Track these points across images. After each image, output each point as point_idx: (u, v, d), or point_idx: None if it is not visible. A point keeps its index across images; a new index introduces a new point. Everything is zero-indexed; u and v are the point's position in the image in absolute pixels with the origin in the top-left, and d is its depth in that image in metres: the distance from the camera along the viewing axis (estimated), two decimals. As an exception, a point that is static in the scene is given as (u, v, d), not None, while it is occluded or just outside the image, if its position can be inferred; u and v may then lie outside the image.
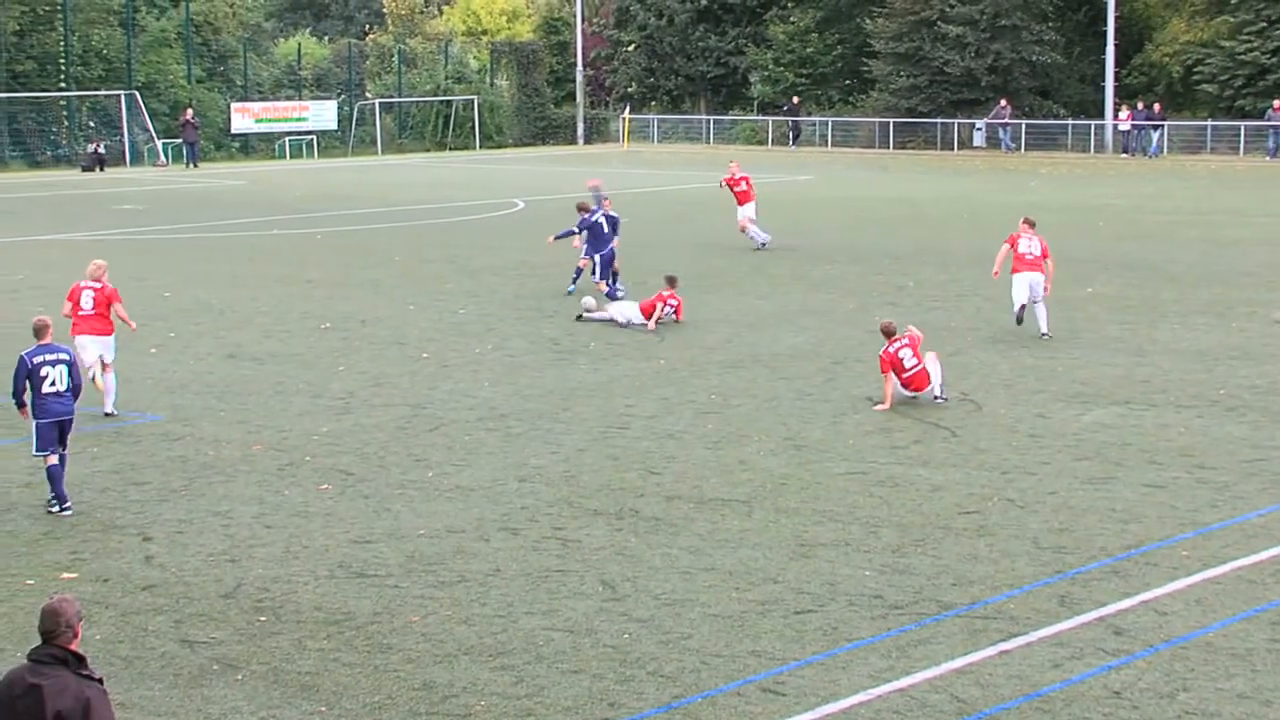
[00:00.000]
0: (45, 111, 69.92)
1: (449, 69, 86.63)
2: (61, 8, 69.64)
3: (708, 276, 33.09)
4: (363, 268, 34.89)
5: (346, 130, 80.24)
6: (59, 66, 70.02)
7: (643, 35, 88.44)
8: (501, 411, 20.66)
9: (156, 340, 25.83)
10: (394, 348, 25.30)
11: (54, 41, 70.13)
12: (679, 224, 44.40)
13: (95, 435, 19.40)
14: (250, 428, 19.78)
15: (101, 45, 71.59)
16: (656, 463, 18.02)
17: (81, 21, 70.85)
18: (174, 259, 36.69)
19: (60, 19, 69.90)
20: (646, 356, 24.49)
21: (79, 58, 70.50)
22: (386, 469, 17.76)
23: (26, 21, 69.25)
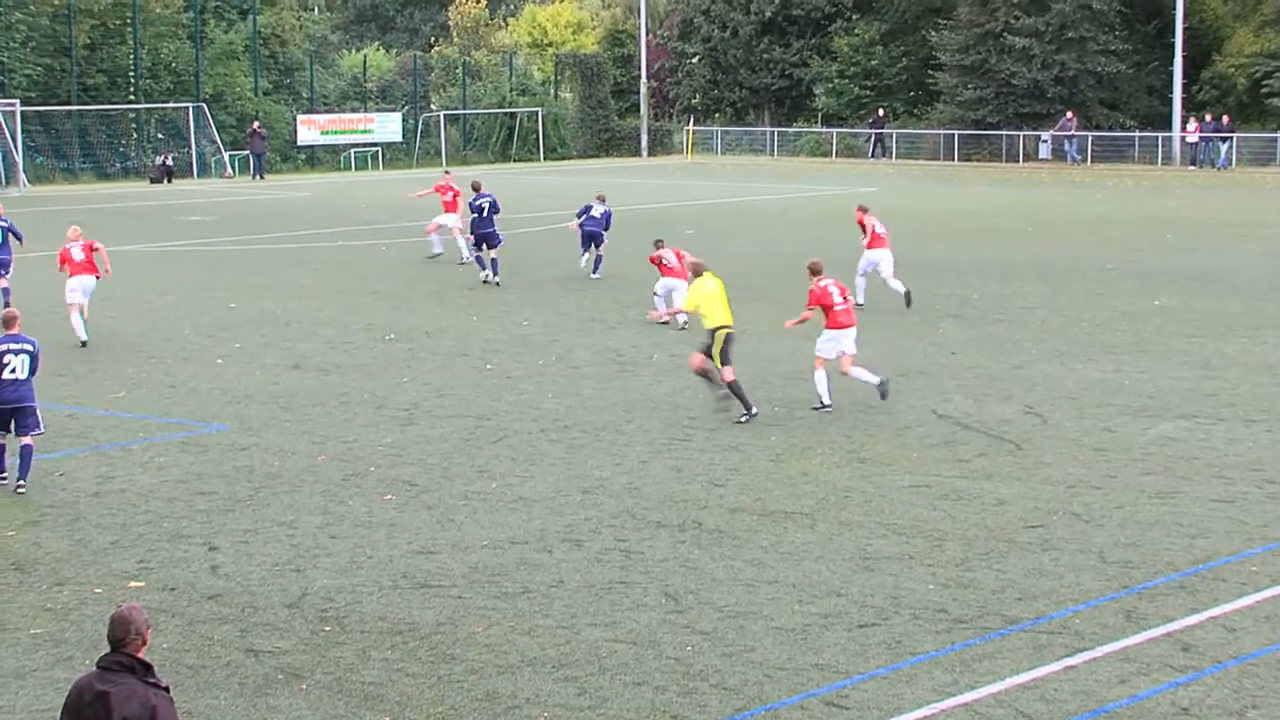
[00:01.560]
0: (115, 124, 70.55)
1: (513, 81, 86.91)
2: (131, 21, 70.27)
3: (769, 287, 33.03)
4: (427, 279, 35.01)
5: (411, 142, 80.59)
6: (129, 79, 70.66)
7: (707, 47, 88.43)
8: (565, 423, 20.68)
9: (223, 351, 26.00)
10: (458, 359, 25.38)
11: (124, 55, 70.77)
12: (741, 235, 44.34)
13: (163, 444, 19.55)
14: (315, 438, 19.88)
15: (170, 58, 72.18)
16: (720, 475, 17.99)
17: (151, 35, 71.45)
18: (240, 270, 36.95)
19: (130, 33, 70.53)
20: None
21: (148, 71, 71.11)
22: (450, 480, 17.81)
23: (97, 35, 69.90)
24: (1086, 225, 46.81)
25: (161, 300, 31.92)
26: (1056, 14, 74.04)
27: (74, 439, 19.90)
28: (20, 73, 65.89)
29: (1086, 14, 74.16)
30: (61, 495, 17.22)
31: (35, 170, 65.12)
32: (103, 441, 19.77)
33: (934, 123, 79.87)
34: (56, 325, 28.30)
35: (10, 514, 16.45)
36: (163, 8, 72.18)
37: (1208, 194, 58.64)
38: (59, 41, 68.47)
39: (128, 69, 70.69)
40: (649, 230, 44.99)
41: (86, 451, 19.23)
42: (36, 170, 65.25)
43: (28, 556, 15.02)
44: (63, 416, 21.11)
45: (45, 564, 14.80)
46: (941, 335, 27.42)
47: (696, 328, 26.99)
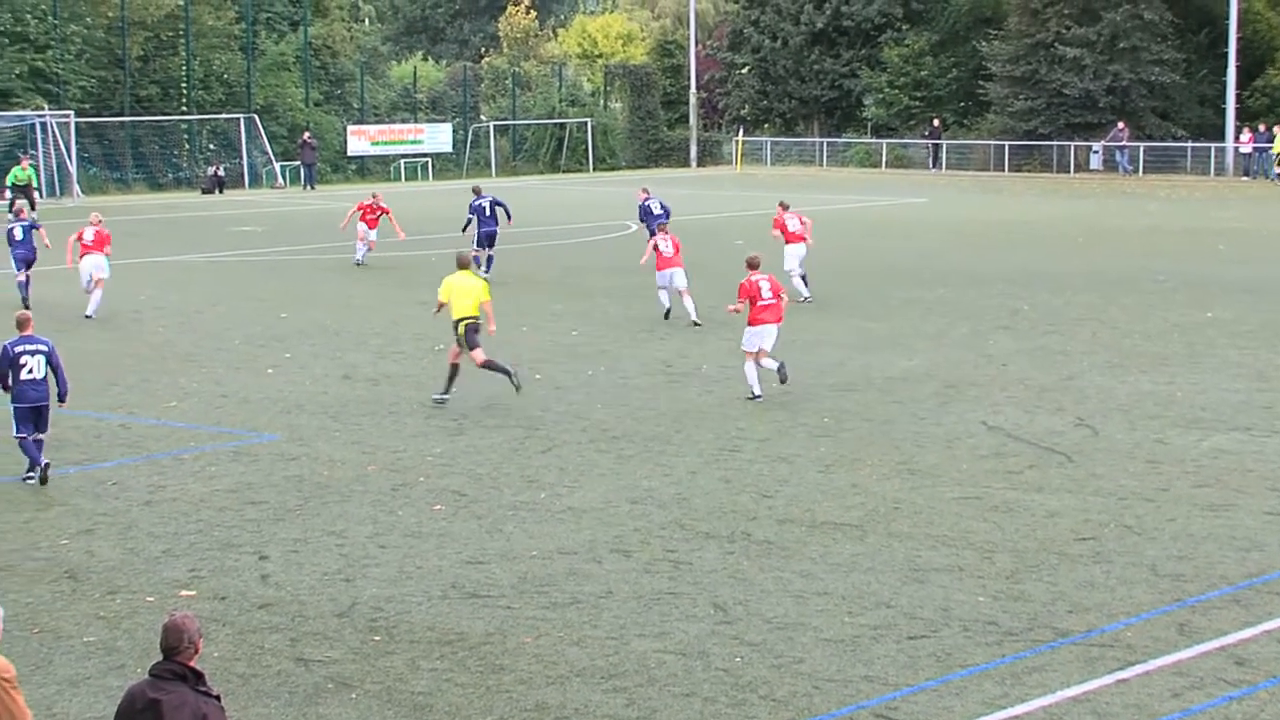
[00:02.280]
0: (167, 135, 71.04)
1: (563, 92, 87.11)
2: (184, 33, 70.75)
3: (819, 299, 32.97)
4: (476, 289, 35.08)
5: (461, 153, 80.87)
6: (181, 91, 71.14)
7: (756, 58, 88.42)
8: (614, 433, 20.70)
9: (273, 361, 26.13)
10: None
11: (176, 66, 71.27)
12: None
13: (214, 454, 19.66)
14: (364, 448, 19.95)
15: (222, 69, 72.64)
16: (769, 486, 17.97)
17: (203, 46, 71.91)
18: (291, 280, 37.13)
19: (183, 44, 71.01)
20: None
21: (200, 82, 71.58)
22: (499, 490, 17.85)
23: (150, 47, 70.43)
24: (1138, 236, 46.57)
25: (213, 310, 32.10)
26: (1108, 24, 73.73)
27: (126, 448, 20.03)
28: (75, 84, 66.41)
29: (1138, 24, 73.83)
30: (114, 504, 17.34)
31: (89, 181, 65.61)
32: (155, 451, 19.89)
33: (984, 133, 79.63)
34: (109, 334, 28.52)
35: (64, 523, 16.58)
36: (215, 19, 72.65)
37: (1261, 205, 58.26)
38: (113, 53, 69.00)
39: (180, 80, 71.19)
40: (697, 241, 45.04)
41: (139, 461, 19.35)
42: (90, 181, 65.74)
43: (81, 565, 15.13)
44: (115, 426, 21.25)
45: (98, 572, 14.90)
46: (992, 347, 27.32)
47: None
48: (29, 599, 14.09)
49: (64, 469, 18.82)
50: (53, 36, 65.71)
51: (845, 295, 33.88)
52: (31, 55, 64.98)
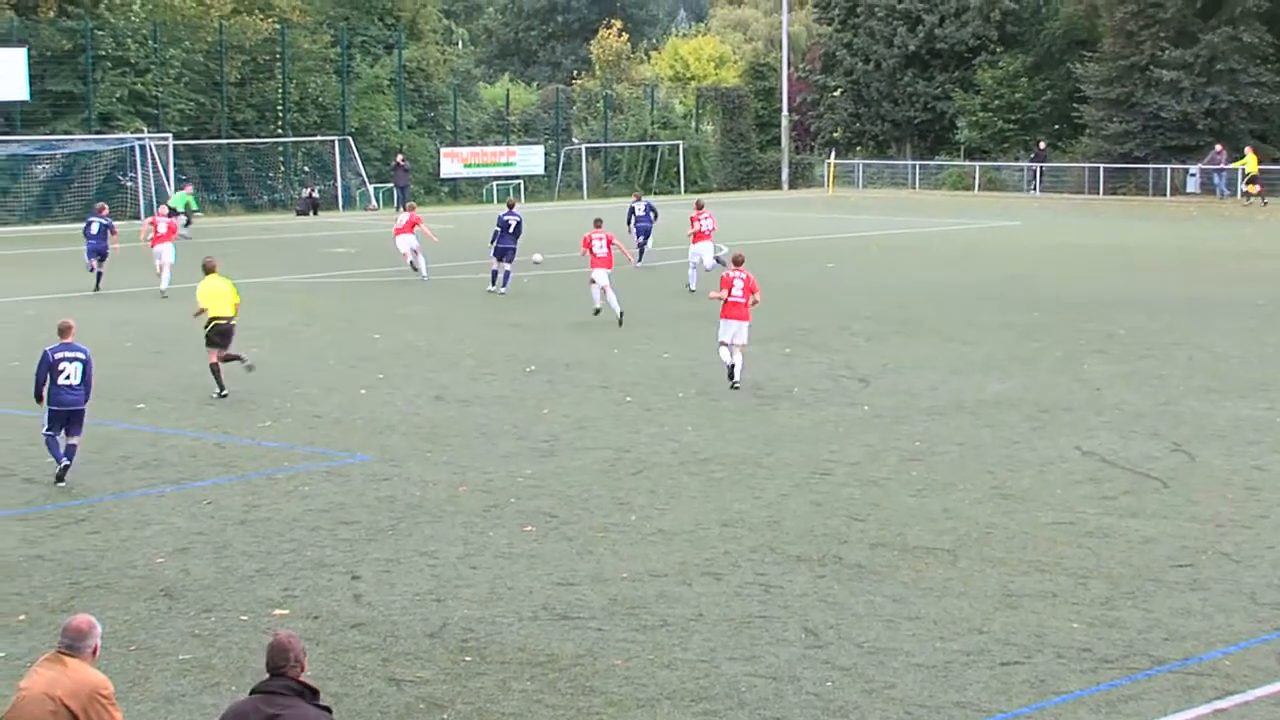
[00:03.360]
0: (263, 157, 71.80)
1: (655, 114, 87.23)
2: (280, 57, 71.51)
3: (912, 322, 32.85)
4: (568, 311, 35.21)
5: (553, 175, 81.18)
6: (277, 114, 71.87)
7: (849, 81, 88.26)
8: (704, 456, 20.69)
9: (366, 382, 26.31)
10: (598, 391, 25.48)
11: (272, 90, 71.98)
12: (881, 269, 44.15)
13: (306, 474, 19.82)
14: (456, 469, 20.05)
15: (317, 93, 73.29)
16: (860, 509, 17.90)
17: (299, 70, 72.60)
18: (384, 302, 37.39)
19: (279, 68, 71.77)
20: (850, 402, 24.38)
21: (295, 105, 72.26)
22: (589, 512, 17.88)
23: (247, 71, 71.20)
24: (1237, 260, 46.05)
25: (307, 331, 32.39)
26: (1205, 46, 72.99)
27: (221, 468, 20.23)
28: (173, 108, 67.23)
29: (1237, 45, 73.03)
30: (209, 523, 17.51)
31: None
32: (249, 470, 20.08)
33: (1078, 156, 79.03)
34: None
35: (160, 541, 16.76)
36: (311, 43, 73.39)
37: (1362, 228, 57.43)
38: (211, 77, 69.83)
39: (276, 103, 71.91)
40: (787, 264, 44.97)
41: (233, 480, 19.54)
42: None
43: (176, 583, 15.29)
44: (211, 445, 21.48)
45: (193, 591, 15.05)
46: (1086, 371, 27.09)
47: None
48: (126, 616, 14.25)
49: (160, 488, 19.05)
50: (153, 60, 66.57)
51: (937, 318, 33.71)
52: (132, 79, 65.85)
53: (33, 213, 62.46)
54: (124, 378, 26.35)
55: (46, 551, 16.40)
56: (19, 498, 18.70)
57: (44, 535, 17.01)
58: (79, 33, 64.85)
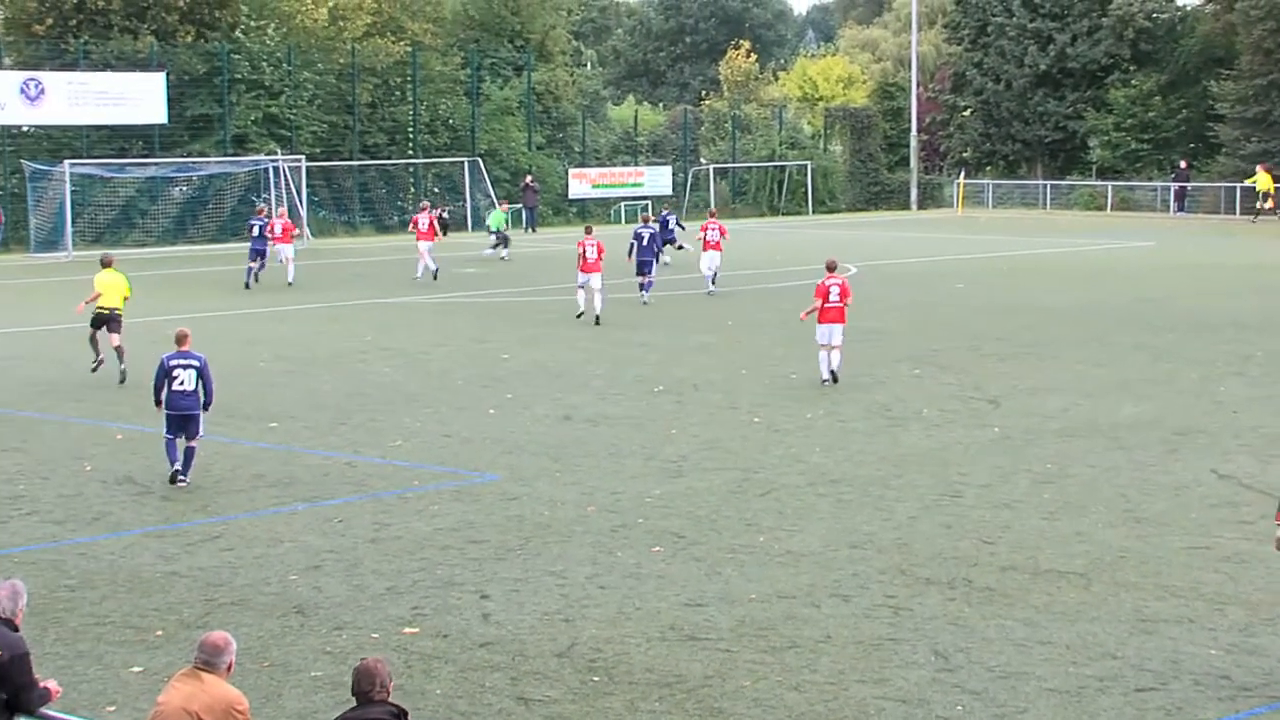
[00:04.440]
0: (394, 179, 72.58)
1: (783, 134, 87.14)
2: (411, 79, 72.30)
3: (1043, 343, 32.52)
4: (697, 332, 35.24)
5: (681, 195, 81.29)
6: (407, 135, 72.65)
7: (979, 100, 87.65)
8: (833, 477, 20.61)
9: (495, 401, 26.47)
10: (726, 411, 25.46)
11: (403, 112, 72.78)
12: (1011, 290, 43.75)
13: (436, 493, 19.97)
14: (584, 489, 20.12)
15: (448, 114, 74.05)
16: (991, 532, 17.74)
17: (430, 92, 73.39)
18: (513, 322, 37.61)
19: (410, 90, 72.54)
20: (980, 424, 24.18)
21: (426, 126, 73.04)
22: (718, 532, 17.86)
23: (379, 94, 72.04)
24: (1377, 280, 45.12)
25: (437, 351, 32.65)
26: (1347, 62, 71.77)
27: (353, 486, 20.44)
28: (306, 129, 68.20)
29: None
30: (341, 541, 17.70)
31: (318, 223, 67.26)
32: (380, 489, 20.27)
33: (1214, 176, 77.89)
34: (336, 375, 29.18)
35: (292, 558, 16.96)
36: (442, 65, 74.18)
37: None
38: (343, 99, 70.71)
39: (407, 125, 72.70)
40: (917, 285, 44.70)
41: (365, 499, 19.74)
42: (319, 224, 67.38)
43: (309, 600, 15.46)
44: (342, 464, 21.71)
45: (325, 608, 15.21)
46: (1223, 393, 26.67)
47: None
48: (260, 633, 14.43)
49: (293, 506, 19.29)
50: (286, 83, 67.53)
51: (1069, 339, 33.34)
52: (266, 102, 66.85)
53: (169, 234, 63.52)
54: (257, 397, 26.73)
55: (183, 568, 16.65)
56: (156, 514, 19.02)
57: (180, 551, 17.28)
58: (215, 56, 65.96)
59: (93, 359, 28.73)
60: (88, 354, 28.83)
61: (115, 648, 14.07)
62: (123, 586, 15.96)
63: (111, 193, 62.74)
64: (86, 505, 19.43)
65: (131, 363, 27.99)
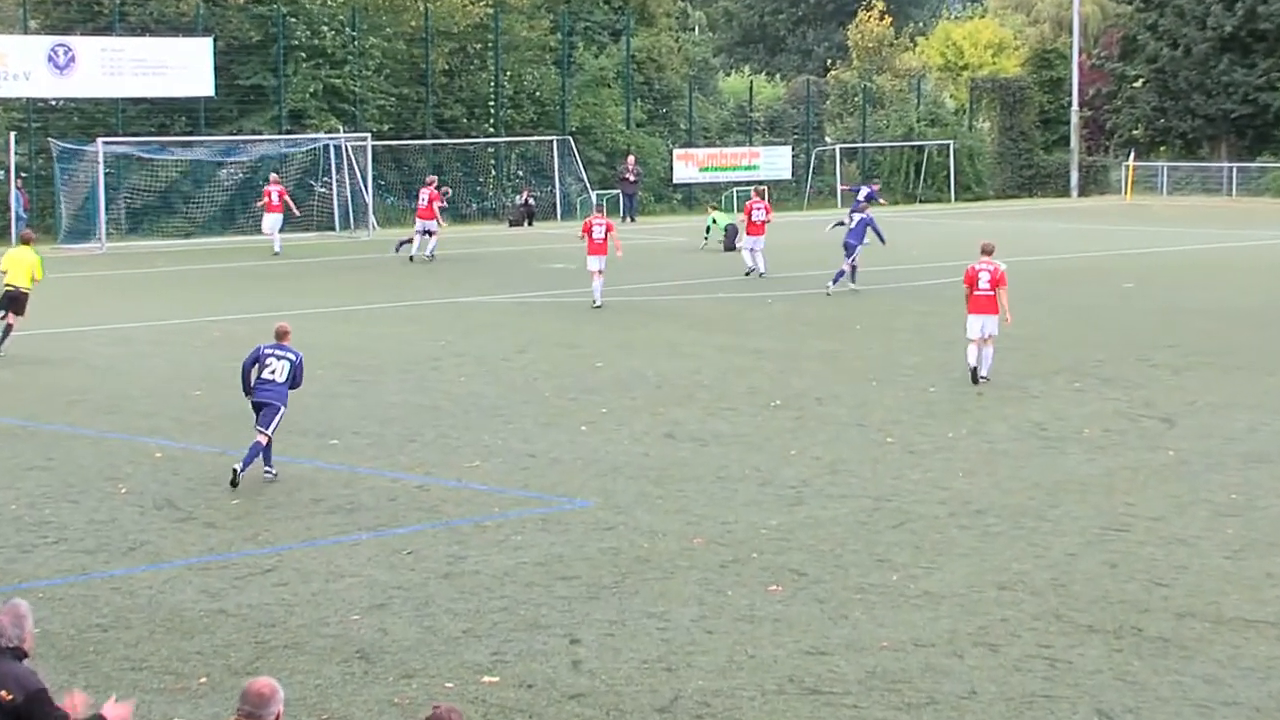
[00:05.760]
0: (472, 160, 72.61)
1: (921, 109, 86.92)
2: (493, 46, 72.27)
3: (1226, 353, 32.21)
4: (819, 337, 35.19)
5: (803, 180, 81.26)
6: (488, 110, 72.76)
7: (1152, 69, 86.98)
8: (977, 507, 20.52)
9: (587, 416, 26.55)
10: (853, 429, 25.41)
11: (484, 83, 72.85)
12: (1191, 291, 43.36)
13: (519, 522, 20.05)
14: (690, 518, 20.13)
15: (534, 86, 73.96)
16: (1164, 573, 17.60)
17: (514, 61, 73.31)
18: (607, 325, 37.71)
19: (491, 58, 72.57)
20: (1152, 446, 23.99)
21: (509, 100, 73.04)
22: (844, 569, 17.83)
23: (456, 62, 72.07)
24: None
25: (520, 358, 32.80)
26: None
27: (424, 513, 20.56)
28: (372, 104, 68.17)
29: None
30: (410, 576, 17.80)
31: (385, 211, 67.14)
32: (454, 517, 20.38)
33: None
34: (405, 385, 29.37)
35: (355, 595, 17.08)
36: (528, 30, 74.07)
37: None
38: (415, 68, 70.85)
39: (487, 98, 72.83)
40: (1080, 284, 44.40)
41: (437, 527, 19.85)
42: (386, 211, 67.26)
43: (373, 644, 15.57)
44: (412, 488, 21.85)
45: (392, 653, 15.31)
46: None
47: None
48: (318, 680, 14.54)
49: (356, 535, 19.43)
50: (350, 50, 67.66)
51: (1258, 348, 33.01)
52: (327, 72, 66.92)
53: (216, 223, 63.84)
54: (316, 410, 26.94)
55: (230, 605, 16.82)
56: (200, 544, 19.21)
57: (227, 587, 17.45)
58: (270, 20, 66.32)
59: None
60: (124, 359, 29.21)
61: (153, 696, 14.22)
62: (161, 626, 16.13)
63: (151, 175, 63.29)
64: (121, 533, 19.66)
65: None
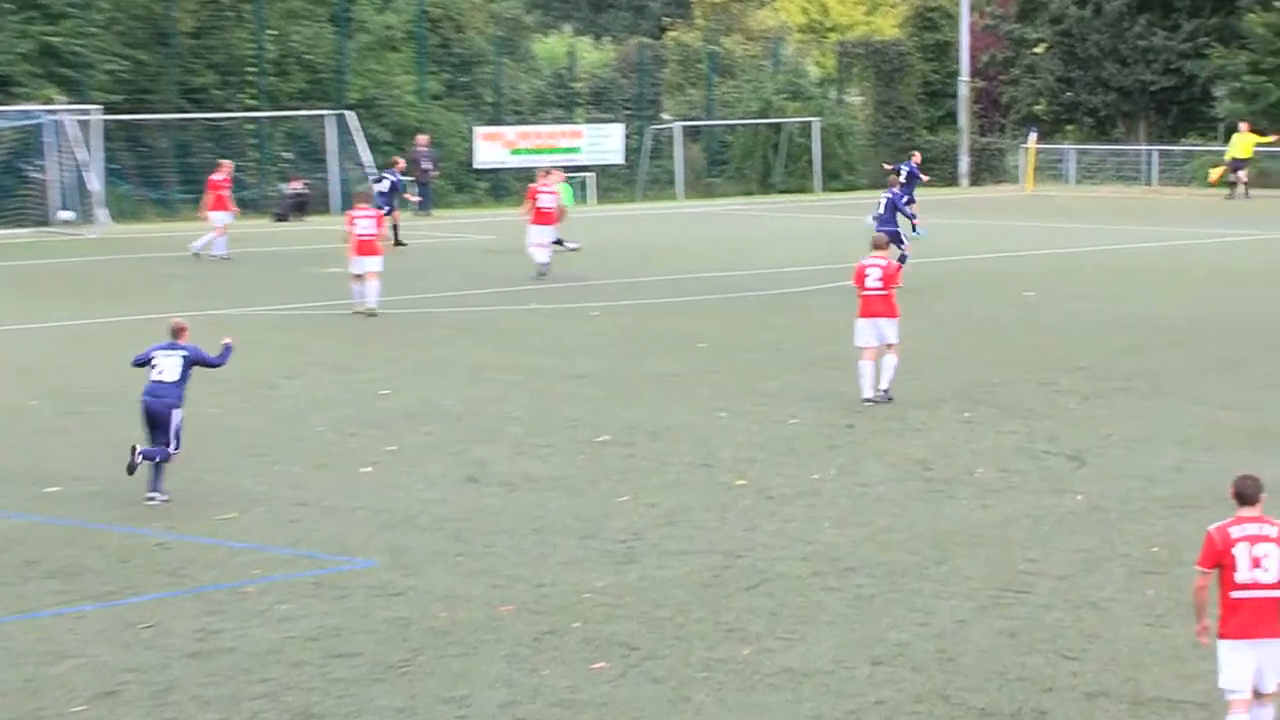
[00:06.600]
0: (228, 140, 71.64)
1: (779, 80, 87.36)
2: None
3: (1147, 375, 32.63)
4: (655, 357, 35.25)
5: (636, 165, 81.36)
6: (246, 79, 72.03)
7: (1057, 31, 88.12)
8: (848, 564, 20.65)
9: (371, 456, 26.42)
10: (698, 471, 25.48)
11: (241, 44, 72.20)
12: (1105, 300, 43.93)
13: (286, 586, 19.91)
14: (497, 580, 20.09)
15: (304, 49, 73.39)
16: (1072, 643, 17.81)
17: (279, 16, 72.66)
18: (395, 344, 37.54)
19: (251, 13, 71.85)
20: (1057, 490, 24.26)
21: (274, 65, 72.40)
22: (685, 642, 17.87)
23: (206, 18, 71.28)
24: None
25: (288, 384, 32.59)
26: None
27: (166, 578, 20.36)
28: (101, 69, 67.20)
29: None
30: (148, 656, 17.61)
31: (119, 203, 66.08)
32: (205, 582, 20.20)
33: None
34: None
35: (78, 681, 16.85)
36: (296, -22, 73.66)
37: None
38: (155, 26, 70.01)
39: (246, 63, 72.17)
40: (971, 293, 44.85)
41: (183, 595, 19.67)
42: (120, 203, 66.22)
43: (101, 739, 15.40)
44: (150, 545, 21.64)
45: (124, 751, 15.16)
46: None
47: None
48: (30, 786, 14.36)
49: (80, 605, 19.19)
50: (72, 2, 66.75)
51: (1186, 368, 33.49)
52: (42, 27, 65.87)
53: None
54: (30, 450, 26.61)
55: (-80, 693, 16.56)
56: (-117, 617, 18.92)
57: (-84, 670, 17.18)
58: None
59: None
60: None
61: None
62: None
63: None
64: None
65: None
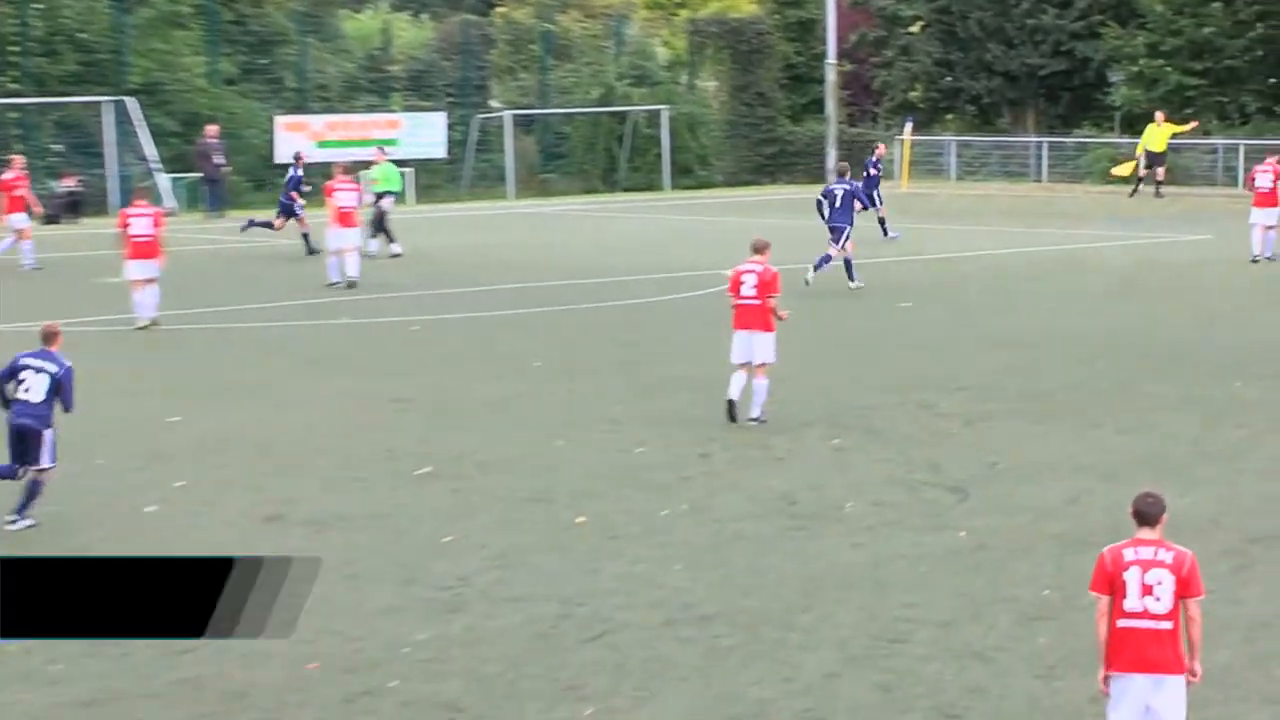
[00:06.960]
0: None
1: (623, 63, 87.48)
2: (13, -34, 71.33)
3: (1037, 396, 32.87)
4: (484, 379, 35.23)
5: (460, 159, 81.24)
6: (9, 60, 71.52)
7: (934, 9, 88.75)
8: (703, 612, 20.70)
9: (157, 493, 26.27)
10: (533, 507, 25.49)
11: (2, 19, 71.64)
12: (990, 311, 44.25)
13: (55, 643, 19.72)
14: (302, 634, 19.96)
15: (77, 25, 72.98)
16: (954, 698, 17.93)
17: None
18: (186, 364, 37.37)
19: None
20: (937, 526, 24.39)
21: (39, 43, 71.93)
22: (518, 701, 17.88)
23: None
24: None
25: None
26: None
27: None
28: None
29: None
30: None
31: None
32: (-36, 637, 20.00)
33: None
34: None
35: None
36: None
37: None
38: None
39: (7, 41, 71.60)
40: (841, 305, 45.07)
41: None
42: None
43: None
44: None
45: None
46: None
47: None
48: None
49: None
50: None
51: (1079, 389, 33.74)
52: None
53: None
54: None
55: None
56: None
57: None
58: None
59: None
60: None
61: None
62: None
63: None
64: None
65: None
